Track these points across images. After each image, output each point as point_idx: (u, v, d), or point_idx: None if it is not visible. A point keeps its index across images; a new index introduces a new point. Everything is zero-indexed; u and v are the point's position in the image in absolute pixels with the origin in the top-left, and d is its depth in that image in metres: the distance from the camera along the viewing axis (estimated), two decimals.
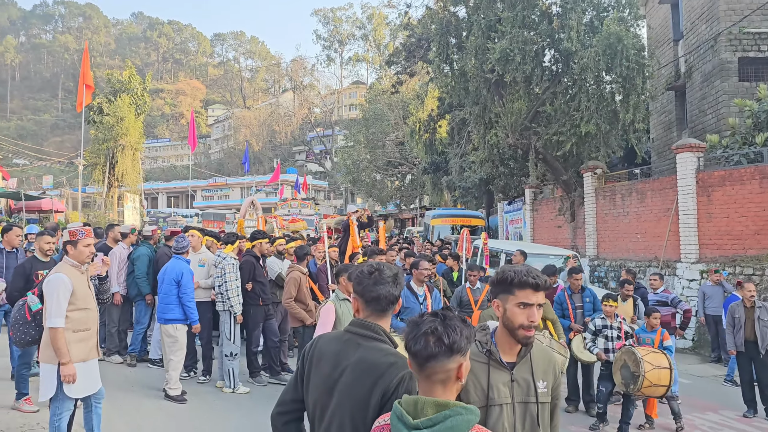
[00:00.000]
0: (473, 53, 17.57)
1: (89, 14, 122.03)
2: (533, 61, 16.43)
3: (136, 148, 31.55)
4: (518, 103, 17.66)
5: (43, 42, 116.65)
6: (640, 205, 15.30)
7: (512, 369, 2.32)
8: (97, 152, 30.47)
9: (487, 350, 2.34)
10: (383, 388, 2.12)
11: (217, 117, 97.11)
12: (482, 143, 19.43)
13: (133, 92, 31.71)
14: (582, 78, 15.75)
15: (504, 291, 2.34)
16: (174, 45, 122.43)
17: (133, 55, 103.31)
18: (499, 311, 2.35)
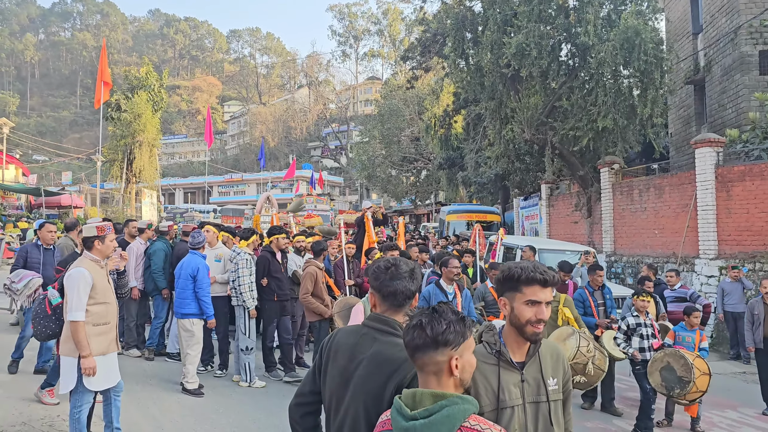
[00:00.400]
0: (489, 48, 17.56)
1: (107, 11, 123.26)
2: (549, 56, 16.37)
3: (154, 144, 31.85)
4: (534, 98, 17.65)
5: (61, 39, 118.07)
6: (657, 201, 15.21)
7: (522, 369, 2.30)
8: (115, 148, 30.82)
9: (496, 351, 2.30)
10: (397, 382, 2.14)
11: (233, 113, 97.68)
12: (498, 138, 19.45)
13: (150, 89, 31.96)
14: (599, 72, 15.68)
15: (511, 288, 2.29)
16: (190, 42, 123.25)
17: (150, 52, 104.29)
18: (506, 309, 2.32)
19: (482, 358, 2.23)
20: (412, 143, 40.69)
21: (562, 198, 20.95)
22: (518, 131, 18.02)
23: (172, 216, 34.21)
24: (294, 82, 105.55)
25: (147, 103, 30.88)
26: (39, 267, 7.14)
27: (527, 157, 21.92)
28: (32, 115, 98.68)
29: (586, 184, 18.39)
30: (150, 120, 30.82)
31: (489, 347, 2.31)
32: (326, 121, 76.26)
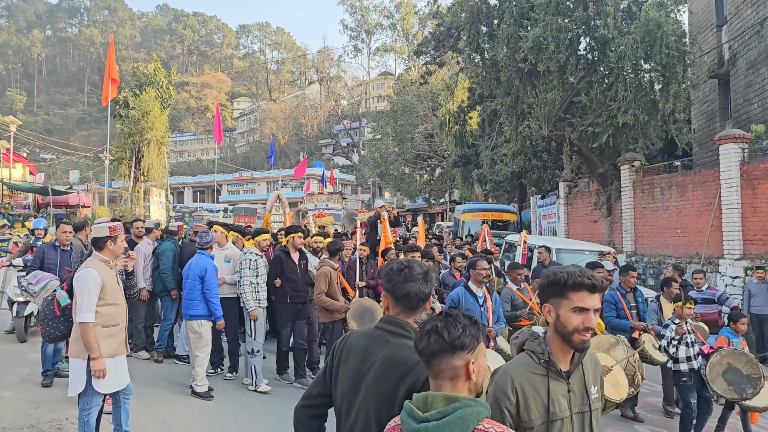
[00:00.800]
0: (505, 42, 17.57)
1: (114, 7, 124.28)
2: (568, 50, 16.37)
3: (162, 142, 32.08)
4: (552, 93, 17.68)
5: (69, 36, 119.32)
6: (680, 199, 15.17)
7: (568, 378, 2.29)
8: (123, 147, 31.04)
9: (545, 360, 2.28)
10: (409, 385, 2.15)
11: (243, 110, 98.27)
12: (514, 135, 19.48)
13: (159, 86, 32.19)
14: (619, 66, 15.67)
15: (556, 294, 2.27)
16: (199, 37, 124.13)
17: (159, 48, 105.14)
18: (550, 317, 2.30)
19: (529, 368, 2.26)
20: (425, 140, 40.76)
21: (580, 196, 20.97)
22: (535, 127, 18.08)
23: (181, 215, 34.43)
24: (305, 78, 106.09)
25: (155, 100, 31.11)
26: (56, 268, 7.16)
27: (545, 154, 21.98)
28: (39, 113, 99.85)
29: (606, 182, 18.41)
30: (158, 117, 31.04)
31: (536, 357, 2.29)
32: (338, 118, 76.47)
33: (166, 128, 32.74)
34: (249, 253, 7.47)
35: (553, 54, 16.13)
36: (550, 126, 17.87)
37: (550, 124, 17.81)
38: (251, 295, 7.24)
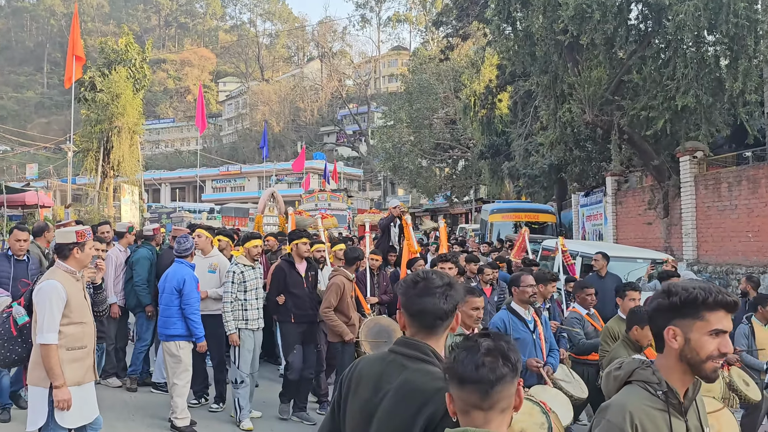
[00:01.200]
0: (541, 10, 17.67)
1: None
2: (616, 19, 16.38)
3: (135, 130, 32.17)
4: (597, 70, 17.71)
5: (25, 5, 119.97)
6: (752, 197, 15.10)
7: (685, 414, 2.26)
8: (89, 136, 31.14)
9: (663, 392, 2.23)
10: (428, 416, 2.13)
11: (230, 92, 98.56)
12: (553, 121, 19.56)
13: (131, 64, 32.32)
14: (678, 39, 15.64)
15: (689, 315, 2.20)
16: (178, 6, 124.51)
17: (131, 20, 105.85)
18: (675, 342, 2.22)
19: (646, 401, 2.20)
20: (446, 127, 40.86)
21: (632, 193, 20.94)
22: (578, 112, 18.10)
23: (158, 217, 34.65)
24: (303, 53, 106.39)
25: (127, 81, 31.25)
26: (8, 282, 6.90)
27: (589, 143, 21.96)
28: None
29: (662, 176, 18.32)
30: (130, 101, 31.16)
31: (653, 388, 2.23)
32: (342, 102, 76.71)
33: (139, 114, 32.86)
34: (234, 264, 7.23)
35: (598, 24, 16.12)
36: (596, 110, 17.88)
37: (595, 107, 17.83)
38: (232, 315, 6.98)
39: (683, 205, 17.35)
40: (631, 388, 2.26)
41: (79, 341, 4.68)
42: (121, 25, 53.79)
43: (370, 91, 77.21)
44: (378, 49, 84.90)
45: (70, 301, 4.60)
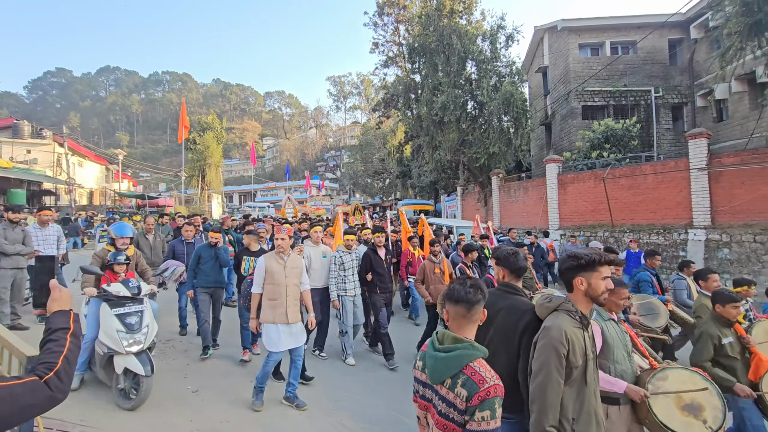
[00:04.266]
0: (425, 104, 17.55)
1: (185, 80, 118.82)
2: (461, 109, 16.47)
3: (218, 165, 31.08)
4: (452, 134, 17.68)
5: (156, 98, 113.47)
6: (525, 196, 15.46)
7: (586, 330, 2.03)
8: (193, 168, 30.01)
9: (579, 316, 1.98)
10: (526, 322, 2.05)
11: (269, 145, 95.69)
12: (431, 159, 19.43)
13: (215, 130, 31.15)
14: (490, 119, 15.81)
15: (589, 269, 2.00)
16: (240, 99, 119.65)
17: (214, 106, 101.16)
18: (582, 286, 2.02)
19: (570, 322, 1.91)
20: (380, 162, 40.62)
21: (470, 195, 21.02)
22: (443, 155, 18.11)
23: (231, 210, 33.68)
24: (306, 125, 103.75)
25: (213, 139, 30.08)
26: (183, 257, 5.89)
27: (449, 170, 22.02)
28: (138, 147, 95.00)
29: (483, 186, 18.60)
30: (216, 150, 30.10)
31: (572, 314, 1.95)
32: (327, 149, 75.41)
33: (220, 156, 31.68)
34: (337, 251, 5.34)
35: (452, 111, 16.19)
36: (451, 154, 17.95)
37: (451, 152, 17.90)
38: (335, 287, 5.13)
39: (493, 200, 17.60)
40: (558, 314, 1.93)
41: (271, 294, 3.80)
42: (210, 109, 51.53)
43: (341, 144, 76.16)
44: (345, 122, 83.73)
45: (268, 269, 3.82)
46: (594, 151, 13.71)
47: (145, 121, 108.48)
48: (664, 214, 10.37)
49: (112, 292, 3.75)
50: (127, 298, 3.78)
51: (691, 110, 15.96)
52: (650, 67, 16.26)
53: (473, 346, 1.61)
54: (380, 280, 5.46)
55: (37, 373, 1.11)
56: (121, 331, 3.60)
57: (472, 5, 18.41)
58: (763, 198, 8.60)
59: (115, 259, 3.97)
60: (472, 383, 1.53)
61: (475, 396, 1.51)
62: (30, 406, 1.03)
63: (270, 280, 3.84)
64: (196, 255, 5.12)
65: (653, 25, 14.95)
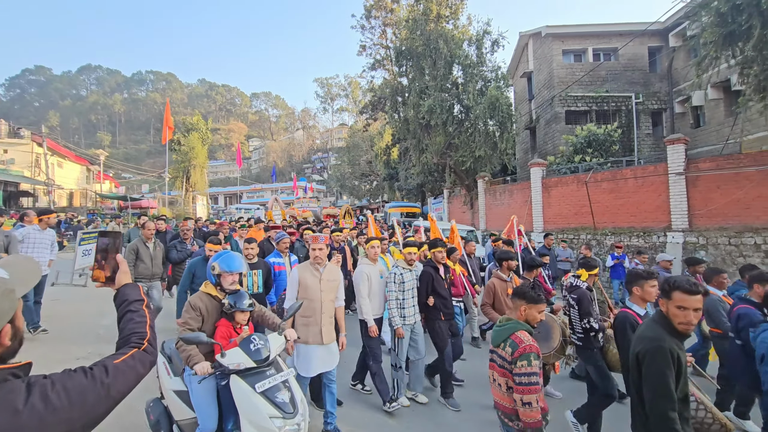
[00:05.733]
0: (412, 107, 17.63)
1: (170, 79, 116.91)
2: (447, 112, 16.55)
3: (203, 166, 30.60)
4: (439, 137, 17.76)
5: (139, 98, 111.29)
6: (510, 199, 15.59)
7: None
8: (177, 169, 29.48)
9: None
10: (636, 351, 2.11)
11: (255, 146, 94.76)
12: (418, 162, 19.48)
13: (200, 130, 30.66)
14: (476, 122, 15.92)
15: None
16: (226, 100, 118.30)
17: (200, 107, 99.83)
18: None
19: None
20: (367, 165, 40.61)
21: (456, 197, 21.08)
22: (430, 158, 18.14)
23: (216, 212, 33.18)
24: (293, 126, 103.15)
25: (198, 140, 29.57)
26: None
27: (435, 173, 22.07)
28: (120, 147, 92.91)
29: (470, 189, 18.70)
30: (200, 151, 29.60)
31: None
32: (314, 151, 75.11)
33: (205, 157, 31.17)
34: (395, 267, 4.18)
35: (439, 115, 16.28)
36: (438, 157, 18.00)
37: (438, 155, 17.95)
38: (397, 311, 4.02)
39: (479, 203, 17.67)
40: None
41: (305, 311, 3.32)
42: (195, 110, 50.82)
43: (328, 146, 75.90)
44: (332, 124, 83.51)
45: (302, 283, 3.36)
46: (577, 155, 13.92)
47: (127, 121, 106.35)
48: (644, 218, 10.61)
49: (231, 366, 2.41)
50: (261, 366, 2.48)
51: (670, 116, 16.40)
52: (631, 74, 16.65)
53: (518, 323, 2.34)
54: (444, 304, 4.31)
55: (133, 345, 1.23)
56: (276, 417, 2.35)
57: (458, 10, 18.59)
58: (737, 202, 8.87)
59: (238, 304, 2.66)
60: (514, 344, 2.25)
61: (516, 351, 2.23)
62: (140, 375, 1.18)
63: (303, 295, 3.34)
64: (189, 272, 4.17)
65: (634, 32, 15.33)
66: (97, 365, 1.09)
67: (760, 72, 7.12)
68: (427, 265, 4.44)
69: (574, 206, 12.43)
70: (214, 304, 2.73)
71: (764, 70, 7.05)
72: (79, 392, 1.00)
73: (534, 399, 2.15)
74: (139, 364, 1.18)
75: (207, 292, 2.76)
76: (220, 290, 2.75)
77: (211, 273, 2.79)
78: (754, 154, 8.84)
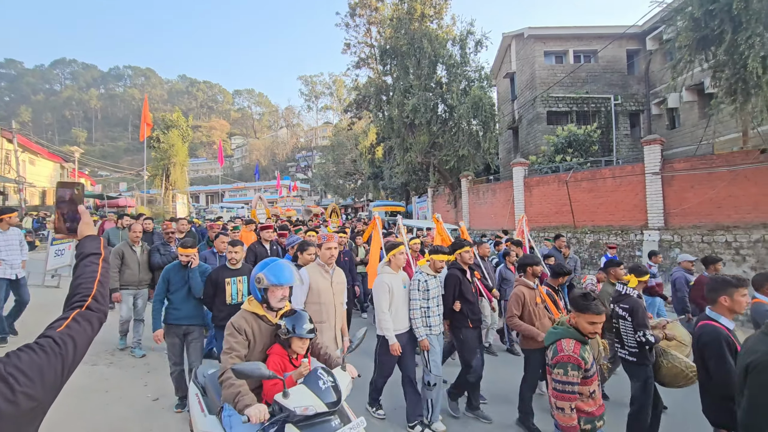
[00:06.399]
0: (396, 106, 17.58)
1: (149, 75, 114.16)
2: (431, 111, 16.57)
3: (183, 164, 29.94)
4: (423, 137, 17.78)
5: (117, 93, 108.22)
6: (493, 198, 15.75)
7: None
8: (156, 167, 28.77)
9: None
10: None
11: (238, 144, 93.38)
12: (402, 161, 19.42)
13: (180, 128, 29.96)
14: (460, 122, 15.99)
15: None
16: (207, 96, 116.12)
17: (180, 104, 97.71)
18: None
19: None
20: (351, 164, 40.48)
21: (440, 196, 21.16)
22: (414, 157, 18.16)
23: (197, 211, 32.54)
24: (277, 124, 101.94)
25: (178, 137, 28.92)
26: None
27: (420, 172, 22.09)
28: (97, 144, 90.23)
29: (453, 188, 18.78)
30: (181, 148, 28.96)
31: None
32: (298, 149, 74.29)
33: (186, 155, 30.48)
34: (419, 273, 3.79)
35: (423, 114, 16.28)
36: (422, 156, 18.04)
37: (422, 155, 17.98)
38: (421, 321, 3.66)
39: (463, 201, 17.83)
40: None
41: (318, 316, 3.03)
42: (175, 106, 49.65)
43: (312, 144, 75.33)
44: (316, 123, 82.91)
45: (312, 285, 3.09)
46: (558, 155, 14.14)
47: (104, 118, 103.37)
48: (622, 216, 10.87)
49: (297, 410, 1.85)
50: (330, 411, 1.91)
51: (647, 117, 16.84)
52: (610, 76, 17.03)
53: (567, 329, 2.33)
54: (471, 310, 3.88)
55: (75, 306, 1.16)
56: None
57: (442, 10, 18.66)
58: (710, 201, 9.18)
59: (297, 329, 2.16)
60: (555, 350, 2.30)
61: (555, 358, 2.28)
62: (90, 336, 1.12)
63: (315, 299, 3.07)
64: (163, 279, 3.79)
65: (612, 35, 15.68)
66: (42, 338, 1.04)
67: (731, 75, 7.38)
68: (453, 267, 4.02)
69: (554, 205, 12.63)
70: (262, 327, 2.23)
71: (735, 73, 7.30)
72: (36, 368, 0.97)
73: (567, 406, 2.19)
74: (86, 325, 1.11)
75: (252, 311, 2.27)
76: (267, 308, 2.28)
77: (255, 286, 2.29)
78: (726, 155, 9.15)
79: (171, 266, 3.86)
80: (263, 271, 2.29)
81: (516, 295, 3.82)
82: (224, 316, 3.57)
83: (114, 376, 4.42)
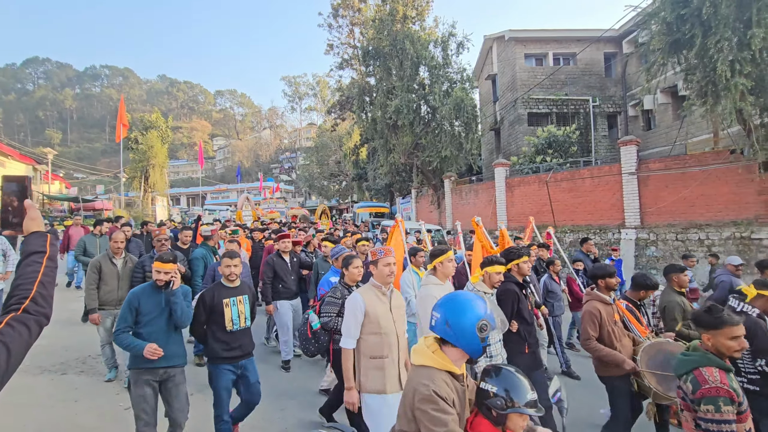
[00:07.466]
0: (379, 107, 17.69)
1: (127, 75, 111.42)
2: (414, 113, 16.69)
3: (163, 166, 29.33)
4: (406, 138, 17.87)
5: (93, 93, 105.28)
6: (475, 198, 15.89)
7: None
8: (135, 169, 28.10)
9: None
10: None
11: (220, 145, 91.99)
12: (385, 162, 19.54)
13: (160, 129, 29.33)
14: (442, 123, 16.11)
15: None
16: (188, 97, 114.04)
17: (159, 104, 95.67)
18: None
19: None
20: (336, 165, 40.34)
21: (423, 197, 21.22)
22: (397, 158, 18.29)
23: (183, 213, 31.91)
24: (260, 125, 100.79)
25: (157, 138, 28.28)
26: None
27: (403, 173, 22.28)
28: (72, 146, 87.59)
29: (437, 189, 18.89)
30: (160, 150, 28.34)
31: None
32: (282, 151, 73.71)
33: (165, 157, 29.85)
34: (473, 290, 3.19)
35: (406, 115, 16.38)
36: (405, 157, 18.16)
37: (405, 155, 18.11)
38: None
39: (446, 202, 17.92)
40: None
41: (379, 349, 2.49)
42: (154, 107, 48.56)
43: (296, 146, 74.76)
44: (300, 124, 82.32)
45: (370, 311, 2.50)
46: (538, 156, 14.37)
47: (80, 118, 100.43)
48: (600, 215, 11.09)
49: None
50: None
51: (624, 119, 17.26)
52: (588, 78, 17.39)
53: (705, 355, 1.96)
54: (528, 332, 3.28)
55: (11, 310, 1.08)
56: None
57: (424, 12, 18.78)
58: (683, 200, 9.45)
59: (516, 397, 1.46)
60: (696, 382, 1.92)
61: (698, 391, 1.90)
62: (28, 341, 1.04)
63: (374, 329, 2.48)
64: (129, 307, 2.78)
65: (590, 39, 16.02)
66: None
67: (702, 78, 7.61)
68: (508, 280, 3.37)
69: (535, 205, 12.81)
70: (458, 391, 1.56)
71: (705, 76, 7.53)
72: None
73: None
74: (23, 329, 1.03)
75: (449, 371, 1.56)
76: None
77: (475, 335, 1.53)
78: (698, 155, 9.44)
79: (139, 289, 2.86)
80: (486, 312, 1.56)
81: (590, 313, 3.05)
82: (225, 348, 2.91)
83: (84, 384, 4.28)
